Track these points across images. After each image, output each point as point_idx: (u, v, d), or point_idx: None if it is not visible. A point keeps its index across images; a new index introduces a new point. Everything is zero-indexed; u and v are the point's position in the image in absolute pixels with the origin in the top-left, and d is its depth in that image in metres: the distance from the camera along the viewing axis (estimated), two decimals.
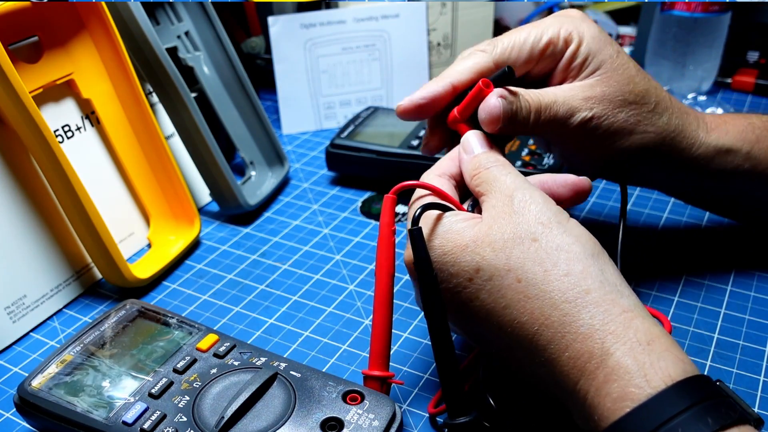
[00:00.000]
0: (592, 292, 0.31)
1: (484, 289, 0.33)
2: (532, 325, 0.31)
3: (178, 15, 0.60)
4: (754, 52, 0.80)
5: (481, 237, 0.33)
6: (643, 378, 0.28)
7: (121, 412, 0.36)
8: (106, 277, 0.51)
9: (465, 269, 0.33)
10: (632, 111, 0.41)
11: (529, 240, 0.32)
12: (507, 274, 0.32)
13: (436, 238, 0.34)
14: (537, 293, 0.31)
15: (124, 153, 0.54)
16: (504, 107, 0.38)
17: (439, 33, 0.77)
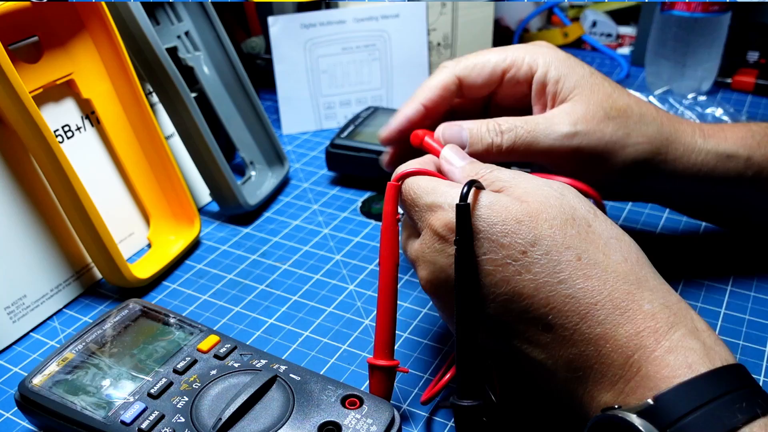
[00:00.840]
0: (650, 280, 0.31)
1: (539, 263, 0.31)
2: (589, 299, 0.31)
3: (178, 15, 0.60)
4: (754, 52, 0.80)
5: (536, 213, 0.32)
6: (705, 355, 0.29)
7: (120, 411, 0.36)
8: (106, 277, 0.51)
9: (519, 241, 0.32)
10: (618, 124, 0.40)
11: (585, 224, 0.32)
12: (566, 251, 0.31)
13: (480, 208, 0.33)
14: (598, 273, 0.31)
15: (124, 153, 0.54)
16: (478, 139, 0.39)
17: (439, 33, 0.77)
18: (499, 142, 0.39)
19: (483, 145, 0.39)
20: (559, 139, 0.39)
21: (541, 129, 0.39)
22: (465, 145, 0.39)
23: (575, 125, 0.39)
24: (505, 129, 0.39)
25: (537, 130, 0.39)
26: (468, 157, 0.38)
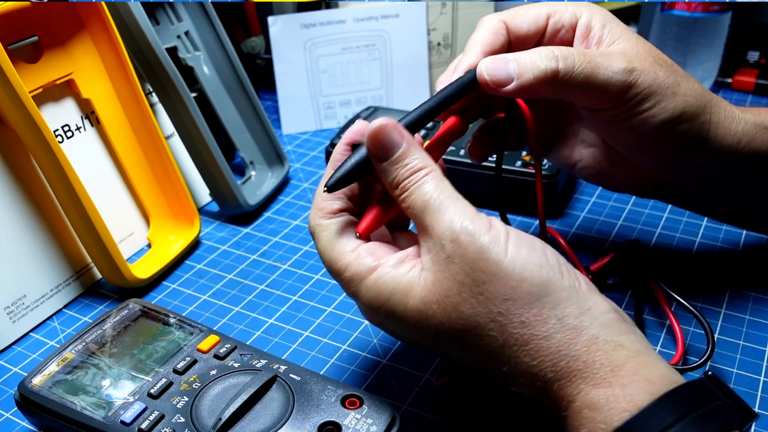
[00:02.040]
0: (552, 338, 0.30)
1: (452, 348, 0.32)
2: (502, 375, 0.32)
3: (178, 15, 0.60)
4: (754, 52, 0.80)
5: (429, 297, 0.32)
6: (607, 412, 0.28)
7: (120, 411, 0.36)
8: (106, 277, 0.51)
9: (425, 334, 0.32)
10: (669, 72, 0.38)
11: (475, 294, 0.30)
12: (465, 334, 0.31)
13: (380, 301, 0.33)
14: (499, 351, 0.31)
15: (124, 153, 0.54)
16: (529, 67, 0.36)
17: (439, 33, 0.77)
18: (554, 66, 0.36)
19: (536, 73, 0.35)
20: (617, 72, 0.36)
21: (599, 61, 0.36)
22: (512, 79, 0.36)
23: (631, 62, 0.37)
24: (561, 55, 0.36)
25: (595, 61, 0.36)
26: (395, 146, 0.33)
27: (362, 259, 0.34)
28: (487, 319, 0.31)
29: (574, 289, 0.31)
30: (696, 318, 0.42)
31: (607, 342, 0.30)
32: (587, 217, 0.58)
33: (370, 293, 0.33)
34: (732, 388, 0.40)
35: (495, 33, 0.40)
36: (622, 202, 0.59)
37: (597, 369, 0.29)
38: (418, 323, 0.32)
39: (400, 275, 0.32)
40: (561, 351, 0.30)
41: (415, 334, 0.33)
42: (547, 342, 0.30)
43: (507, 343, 0.30)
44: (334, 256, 0.34)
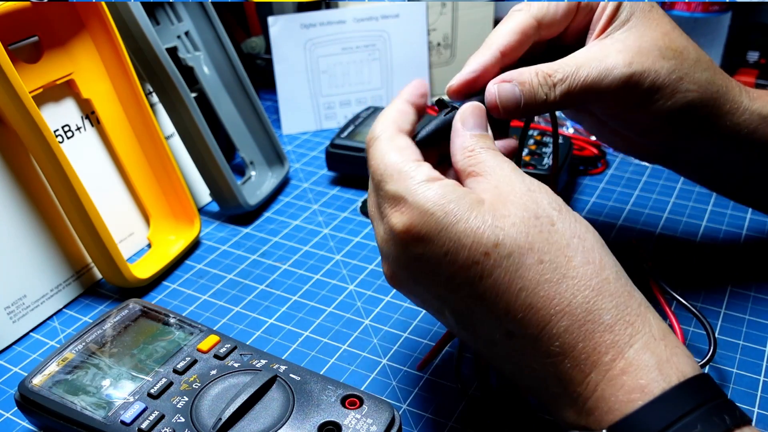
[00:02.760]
0: (612, 283, 0.30)
1: (501, 267, 0.30)
2: (549, 310, 0.29)
3: (178, 15, 0.60)
4: (754, 52, 0.80)
5: (500, 210, 0.30)
6: (659, 372, 0.28)
7: (120, 411, 0.36)
8: (106, 277, 0.51)
9: (482, 241, 0.30)
10: (673, 66, 0.38)
11: (548, 223, 0.30)
12: (528, 253, 0.30)
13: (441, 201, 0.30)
14: (559, 278, 0.29)
15: (124, 153, 0.54)
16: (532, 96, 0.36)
17: (439, 33, 0.77)
18: (553, 96, 0.36)
19: (538, 102, 0.36)
20: (615, 80, 0.37)
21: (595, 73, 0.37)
22: (519, 104, 0.36)
23: (630, 65, 0.37)
24: (558, 80, 0.37)
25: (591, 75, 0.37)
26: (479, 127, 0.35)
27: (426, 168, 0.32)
28: (556, 247, 0.30)
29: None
30: (697, 318, 0.42)
31: (653, 310, 0.30)
32: (587, 217, 0.57)
33: (430, 192, 0.31)
34: (732, 388, 0.40)
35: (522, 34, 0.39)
36: (621, 202, 0.59)
37: (650, 327, 0.29)
38: (478, 229, 0.30)
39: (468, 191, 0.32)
40: (621, 296, 0.30)
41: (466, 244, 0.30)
42: (609, 285, 0.30)
43: (569, 273, 0.29)
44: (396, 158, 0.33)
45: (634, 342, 0.29)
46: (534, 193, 0.31)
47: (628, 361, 0.28)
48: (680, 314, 0.45)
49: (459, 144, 0.34)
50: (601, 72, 0.37)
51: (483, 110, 0.35)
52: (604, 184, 0.62)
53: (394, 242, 0.32)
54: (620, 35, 0.38)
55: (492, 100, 0.37)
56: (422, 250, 0.31)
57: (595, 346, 0.29)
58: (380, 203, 0.33)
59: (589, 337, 0.29)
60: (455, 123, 0.35)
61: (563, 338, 0.29)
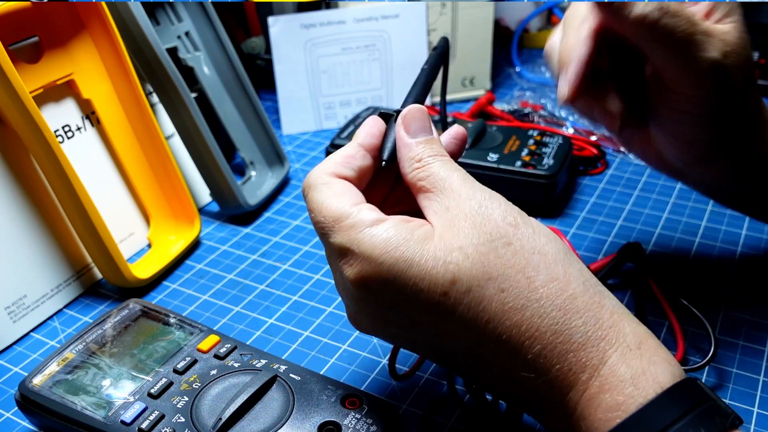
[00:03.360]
0: (579, 297, 0.29)
1: (462, 303, 0.29)
2: (520, 338, 0.29)
3: (178, 15, 0.60)
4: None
5: (451, 242, 0.29)
6: (634, 387, 0.27)
7: (120, 411, 0.36)
8: (106, 277, 0.51)
9: (438, 282, 0.29)
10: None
11: (504, 244, 0.29)
12: (487, 283, 0.29)
13: (389, 248, 0.29)
14: (523, 303, 0.28)
15: (124, 153, 0.54)
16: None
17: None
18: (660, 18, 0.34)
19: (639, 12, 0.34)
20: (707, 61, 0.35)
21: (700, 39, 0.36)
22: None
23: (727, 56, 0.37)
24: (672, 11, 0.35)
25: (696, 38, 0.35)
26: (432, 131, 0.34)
27: (366, 212, 0.31)
28: (515, 270, 0.29)
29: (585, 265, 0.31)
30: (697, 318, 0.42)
31: (627, 314, 0.30)
32: (587, 218, 0.58)
33: (376, 239, 0.29)
34: (732, 388, 0.40)
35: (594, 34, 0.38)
36: (621, 202, 0.59)
37: (624, 337, 0.28)
38: (431, 269, 0.29)
39: (414, 226, 0.30)
40: (589, 311, 0.29)
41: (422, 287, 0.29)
42: (576, 300, 0.29)
43: (533, 296, 0.28)
44: (335, 205, 0.31)
45: (608, 358, 0.28)
46: (486, 210, 0.30)
47: (603, 378, 0.28)
48: (681, 314, 0.45)
49: (406, 155, 0.33)
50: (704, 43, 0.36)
51: (424, 111, 0.34)
52: (604, 184, 0.62)
53: (351, 292, 0.31)
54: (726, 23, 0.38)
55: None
56: (380, 299, 0.30)
57: (570, 366, 0.28)
58: (329, 254, 0.32)
59: (563, 358, 0.28)
60: (398, 131, 0.34)
61: (538, 362, 0.29)
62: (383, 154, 0.34)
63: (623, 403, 0.27)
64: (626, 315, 0.30)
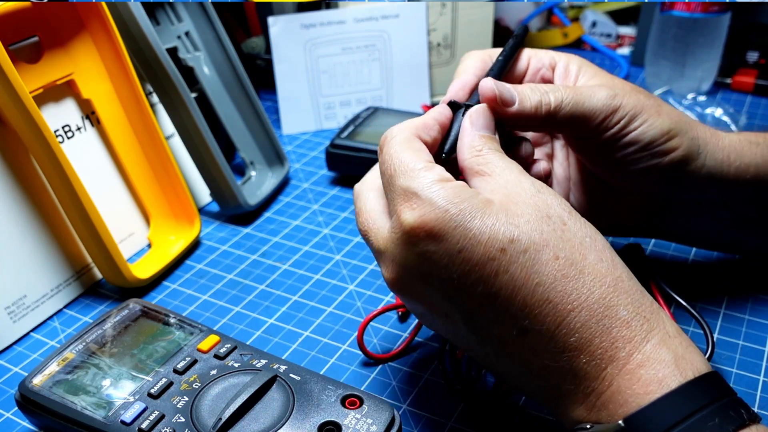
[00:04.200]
0: (626, 281, 0.31)
1: (517, 262, 0.30)
2: (567, 305, 0.29)
3: (178, 15, 0.60)
4: (753, 53, 0.80)
5: (514, 208, 0.31)
6: (675, 367, 0.28)
7: (120, 411, 0.36)
8: (106, 277, 0.51)
9: (497, 237, 0.30)
10: (648, 96, 0.40)
11: (560, 222, 0.31)
12: (544, 249, 0.30)
13: (455, 199, 0.30)
14: (575, 273, 0.30)
15: (124, 153, 0.54)
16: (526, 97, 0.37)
17: (439, 33, 0.77)
18: (546, 100, 0.37)
19: (532, 103, 0.37)
20: (601, 99, 0.38)
21: (582, 91, 0.38)
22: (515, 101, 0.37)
23: (612, 89, 0.39)
24: (549, 89, 0.38)
25: (579, 91, 0.38)
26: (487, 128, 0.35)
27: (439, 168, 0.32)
28: (570, 245, 0.30)
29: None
30: (695, 319, 0.42)
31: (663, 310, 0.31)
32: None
33: (444, 190, 0.31)
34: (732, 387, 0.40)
35: (483, 62, 0.41)
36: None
37: (663, 323, 0.30)
38: (493, 226, 0.30)
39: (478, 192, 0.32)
40: (634, 295, 0.30)
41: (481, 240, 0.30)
42: (622, 283, 0.30)
43: (584, 270, 0.30)
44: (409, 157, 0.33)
45: (651, 337, 0.29)
46: (543, 195, 0.32)
47: (645, 355, 0.29)
48: (679, 315, 0.45)
49: (467, 143, 0.35)
50: (588, 91, 0.38)
51: (491, 113, 0.36)
52: None
53: (403, 240, 0.31)
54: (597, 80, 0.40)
55: (490, 89, 0.36)
56: (435, 248, 0.30)
57: (612, 340, 0.29)
58: (391, 198, 0.33)
59: (606, 331, 0.29)
60: (464, 123, 0.35)
61: (580, 333, 0.29)
62: (445, 145, 0.36)
63: (663, 380, 0.28)
64: (662, 309, 0.31)
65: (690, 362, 0.29)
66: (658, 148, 0.39)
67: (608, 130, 0.38)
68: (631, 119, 0.38)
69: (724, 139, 0.41)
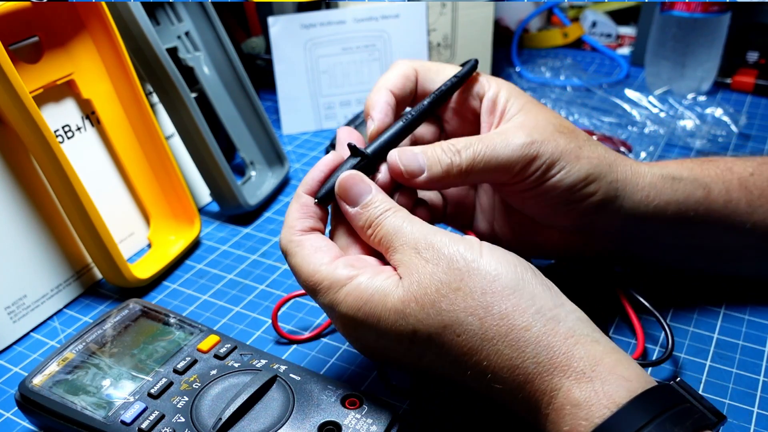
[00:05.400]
0: (531, 328, 0.31)
1: (429, 350, 0.32)
2: (483, 371, 0.31)
3: (178, 15, 0.60)
4: (753, 53, 0.80)
5: (407, 296, 0.32)
6: (588, 410, 0.29)
7: (120, 411, 0.36)
8: (106, 277, 0.51)
9: (403, 335, 0.32)
10: (570, 138, 0.39)
11: (453, 290, 0.32)
12: (444, 332, 0.32)
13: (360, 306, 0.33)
14: (479, 345, 0.31)
15: (125, 153, 0.54)
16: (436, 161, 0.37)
17: (439, 33, 0.77)
18: (458, 161, 0.37)
19: (442, 167, 0.37)
20: (517, 149, 0.37)
21: (497, 141, 0.38)
22: (423, 170, 0.37)
23: (530, 134, 0.38)
24: (462, 147, 0.37)
25: (494, 143, 0.38)
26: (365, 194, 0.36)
27: (340, 270, 0.34)
28: (466, 313, 0.31)
29: (546, 287, 0.32)
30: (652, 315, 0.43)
31: (584, 336, 0.31)
32: None
33: (349, 298, 0.33)
34: (732, 388, 0.40)
35: (405, 78, 0.41)
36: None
37: (577, 362, 0.30)
38: (395, 323, 0.32)
39: (379, 281, 0.33)
40: (541, 342, 0.30)
41: (392, 336, 0.33)
42: (527, 333, 0.31)
43: (486, 336, 0.31)
44: (311, 270, 0.35)
45: (561, 385, 0.30)
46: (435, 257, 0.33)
47: (559, 403, 0.30)
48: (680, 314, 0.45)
49: (355, 225, 0.36)
50: (504, 140, 0.38)
51: (356, 175, 0.36)
52: None
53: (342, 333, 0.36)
54: (518, 119, 0.39)
55: (395, 165, 0.37)
56: (363, 341, 0.35)
57: (530, 393, 0.31)
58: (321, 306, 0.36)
59: (522, 388, 0.31)
60: (341, 205, 0.36)
61: (505, 391, 0.32)
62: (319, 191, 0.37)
63: (580, 426, 0.29)
64: (582, 337, 0.31)
65: (606, 397, 0.29)
66: (576, 194, 0.39)
67: (526, 179, 0.39)
68: (548, 167, 0.38)
69: (645, 178, 0.41)
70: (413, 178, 0.37)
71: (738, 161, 0.44)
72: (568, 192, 0.39)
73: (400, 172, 0.37)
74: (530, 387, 0.31)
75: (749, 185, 0.43)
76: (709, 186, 0.42)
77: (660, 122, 0.70)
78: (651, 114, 0.72)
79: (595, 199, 0.40)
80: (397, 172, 0.37)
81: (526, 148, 0.38)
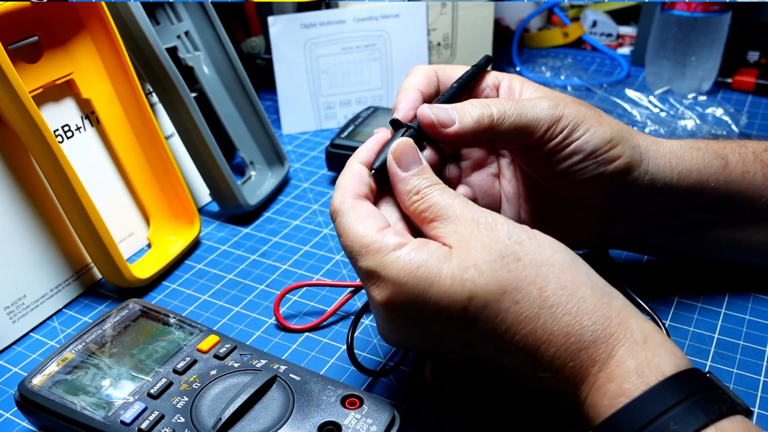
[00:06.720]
0: (588, 300, 0.31)
1: (481, 317, 0.32)
2: (536, 342, 0.31)
3: (178, 15, 0.60)
4: (754, 52, 0.80)
5: (466, 262, 0.32)
6: (638, 375, 0.29)
7: (120, 411, 0.36)
8: (106, 277, 0.51)
9: (456, 299, 0.31)
10: (590, 107, 0.40)
11: (514, 260, 0.32)
12: (502, 297, 0.31)
13: (411, 269, 0.32)
14: (536, 312, 0.31)
15: (124, 153, 0.54)
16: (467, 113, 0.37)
17: (439, 33, 0.77)
18: (489, 112, 0.38)
19: (473, 118, 0.37)
20: (544, 109, 0.38)
21: (525, 103, 0.39)
22: (454, 121, 0.37)
23: (554, 100, 0.39)
24: (493, 102, 0.38)
25: (522, 103, 0.39)
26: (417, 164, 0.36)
27: (389, 236, 0.33)
28: (527, 282, 0.31)
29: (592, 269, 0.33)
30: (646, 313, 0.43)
31: (635, 312, 0.32)
32: None
33: (400, 261, 0.32)
34: (732, 388, 0.40)
35: (428, 78, 0.42)
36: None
37: (631, 333, 0.31)
38: (449, 289, 0.31)
39: (432, 248, 0.33)
40: (597, 311, 0.31)
41: (443, 304, 0.31)
42: (585, 303, 0.31)
43: (545, 304, 0.31)
44: (360, 231, 0.34)
45: (616, 352, 0.30)
46: (492, 231, 0.33)
47: (611, 370, 0.30)
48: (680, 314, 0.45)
49: (401, 189, 0.35)
50: (530, 102, 0.39)
51: (413, 144, 0.36)
52: None
53: (379, 311, 0.34)
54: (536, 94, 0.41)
55: (426, 115, 0.37)
56: (406, 317, 0.33)
57: (581, 363, 0.31)
58: (359, 276, 0.35)
59: (575, 356, 0.31)
60: (391, 168, 0.36)
61: (553, 363, 0.31)
62: (375, 162, 0.37)
63: (627, 390, 0.29)
64: (633, 312, 0.32)
65: (655, 366, 0.29)
66: (601, 156, 0.40)
67: (552, 139, 0.39)
68: (573, 128, 0.39)
69: (664, 145, 0.42)
70: (444, 128, 0.37)
71: (751, 141, 0.45)
72: (593, 154, 0.39)
73: (432, 122, 0.37)
74: (584, 354, 0.31)
75: (765, 159, 0.44)
76: (726, 157, 0.43)
77: (660, 122, 0.70)
78: (651, 114, 0.72)
79: (620, 163, 0.40)
80: (429, 122, 0.37)
81: (551, 109, 0.39)
